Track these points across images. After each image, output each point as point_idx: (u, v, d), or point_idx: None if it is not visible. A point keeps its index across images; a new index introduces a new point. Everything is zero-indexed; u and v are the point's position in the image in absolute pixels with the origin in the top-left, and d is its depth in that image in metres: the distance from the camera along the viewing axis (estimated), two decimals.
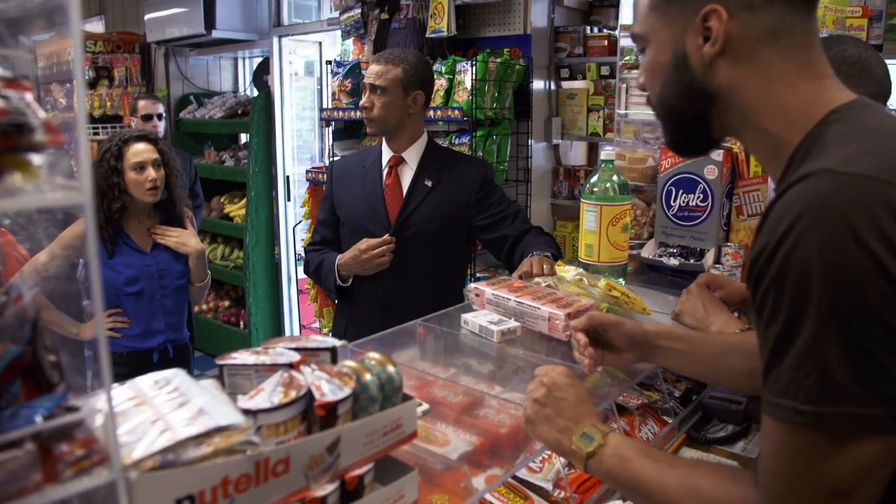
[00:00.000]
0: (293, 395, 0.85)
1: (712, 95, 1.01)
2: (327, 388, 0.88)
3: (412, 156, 2.53)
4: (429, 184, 2.49)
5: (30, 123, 0.58)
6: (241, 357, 0.97)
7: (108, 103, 5.71)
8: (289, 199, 5.28)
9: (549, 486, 1.50)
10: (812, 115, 0.93)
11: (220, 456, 0.75)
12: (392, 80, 2.42)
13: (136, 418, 0.78)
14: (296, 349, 1.01)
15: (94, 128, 5.62)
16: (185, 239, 2.86)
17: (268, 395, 0.85)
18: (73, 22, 0.57)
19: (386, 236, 2.43)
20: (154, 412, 0.79)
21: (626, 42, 3.01)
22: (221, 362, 0.96)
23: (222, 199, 5.73)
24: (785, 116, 0.96)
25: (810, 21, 0.98)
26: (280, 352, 0.99)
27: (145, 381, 0.89)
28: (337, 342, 1.05)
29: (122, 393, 0.85)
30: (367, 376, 0.94)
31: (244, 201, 5.30)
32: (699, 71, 1.00)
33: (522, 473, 1.53)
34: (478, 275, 3.41)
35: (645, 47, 1.08)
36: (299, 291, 5.27)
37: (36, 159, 0.59)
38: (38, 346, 0.68)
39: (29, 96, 0.61)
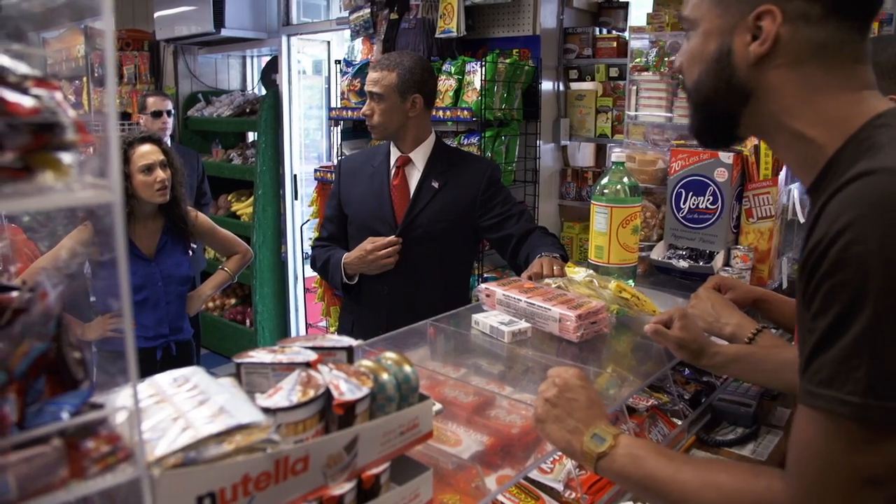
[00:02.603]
0: (312, 393, 0.86)
1: (749, 94, 1.00)
2: (345, 388, 0.89)
3: (419, 156, 2.53)
4: (436, 185, 2.49)
5: (61, 122, 0.58)
6: (259, 355, 0.97)
7: (117, 101, 5.71)
8: (296, 198, 5.29)
9: (559, 487, 1.50)
10: (853, 122, 0.93)
11: (241, 454, 0.75)
12: (388, 87, 2.43)
13: (157, 416, 0.78)
14: (312, 348, 1.01)
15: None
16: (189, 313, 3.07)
17: (286, 393, 0.85)
18: (105, 16, 0.57)
19: (392, 237, 2.43)
20: (175, 409, 0.80)
21: (635, 44, 3.01)
22: (239, 360, 0.96)
23: (230, 198, 5.74)
24: (823, 122, 0.96)
25: (862, 39, 0.97)
26: (297, 351, 0.99)
27: (164, 379, 0.89)
28: (353, 341, 1.05)
29: (141, 390, 0.86)
30: (385, 376, 0.94)
31: (251, 199, 5.31)
32: (741, 68, 1.00)
33: (533, 474, 1.54)
34: (486, 275, 3.42)
35: (690, 30, 1.07)
36: (306, 290, 5.27)
37: (66, 158, 0.59)
38: (63, 342, 0.69)
39: (59, 95, 0.62)
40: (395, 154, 2.56)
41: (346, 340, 1.05)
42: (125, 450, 0.65)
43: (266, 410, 0.83)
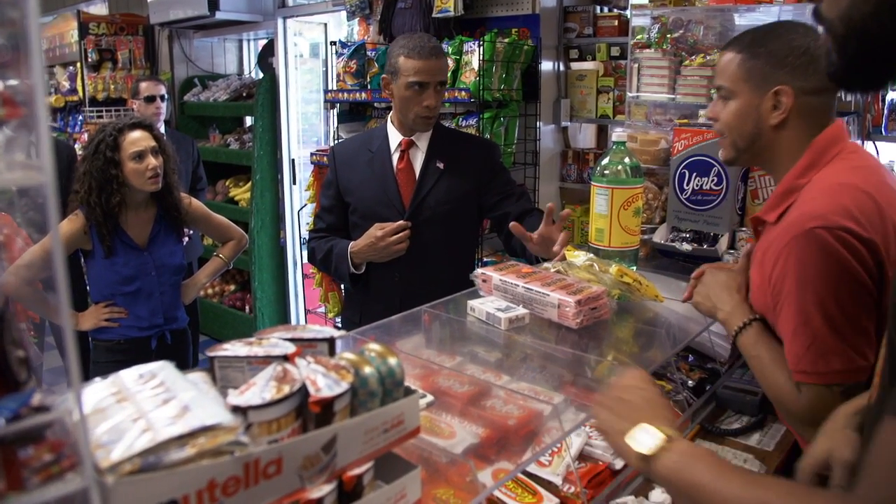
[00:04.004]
0: (286, 390, 0.80)
1: None
2: (323, 383, 0.83)
3: (422, 138, 2.48)
4: (440, 165, 2.44)
5: None
6: (233, 348, 0.91)
7: (112, 86, 5.66)
8: (294, 183, 5.23)
9: (558, 481, 1.44)
10: None
11: (205, 458, 0.69)
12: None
13: (117, 416, 0.73)
14: (291, 340, 0.95)
15: (97, 110, 5.57)
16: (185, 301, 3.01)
17: (259, 390, 0.80)
18: None
19: (401, 222, 2.37)
20: (136, 409, 0.74)
21: (637, 21, 2.93)
22: (212, 354, 0.90)
23: (227, 183, 5.68)
24: None
25: None
26: (274, 343, 0.93)
27: (129, 375, 0.84)
28: (335, 332, 0.99)
29: (103, 388, 0.80)
30: (367, 369, 0.88)
31: (249, 185, 5.25)
32: None
33: (531, 467, 1.48)
34: (484, 259, 3.35)
35: None
36: (304, 275, 5.22)
37: None
38: (5, 339, 0.63)
39: None
40: (395, 137, 2.49)
41: (328, 331, 0.99)
42: (71, 458, 0.59)
43: (236, 409, 0.77)
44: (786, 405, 1.40)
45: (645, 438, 1.03)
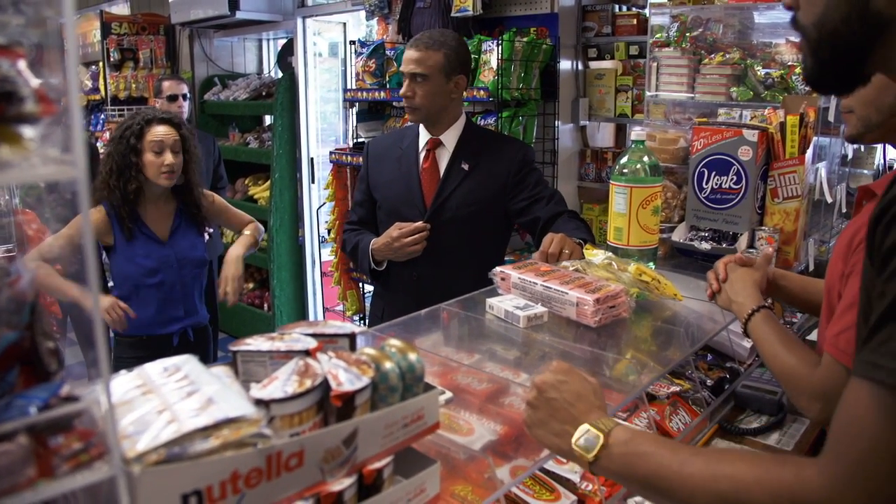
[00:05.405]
0: (308, 384, 0.81)
1: (886, 23, 0.87)
2: (344, 378, 0.84)
3: (450, 138, 2.46)
4: (465, 167, 2.42)
5: (19, 92, 0.54)
6: (256, 343, 0.92)
7: (134, 85, 5.72)
8: (313, 182, 5.25)
9: (576, 478, 1.44)
10: None
11: (229, 449, 0.71)
12: (433, 67, 2.33)
13: (142, 407, 0.74)
14: (313, 335, 0.96)
15: (119, 109, 5.63)
16: (230, 276, 2.83)
17: (281, 383, 0.81)
18: None
19: (419, 223, 2.36)
20: (161, 401, 0.75)
21: (656, 19, 2.92)
22: (235, 348, 0.92)
23: (246, 182, 5.71)
24: None
25: None
26: (296, 338, 0.94)
27: (154, 368, 0.85)
28: (356, 328, 1.00)
29: (128, 380, 0.82)
30: (387, 365, 0.89)
31: (268, 183, 5.28)
32: None
33: (549, 464, 1.48)
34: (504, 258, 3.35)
35: None
36: (323, 274, 5.25)
37: (27, 131, 0.54)
38: (37, 331, 0.64)
39: (22, 64, 0.57)
40: (424, 136, 2.49)
41: (349, 327, 1.00)
42: (99, 447, 0.61)
43: (259, 402, 0.78)
44: (796, 382, 1.38)
45: (587, 440, 1.01)
